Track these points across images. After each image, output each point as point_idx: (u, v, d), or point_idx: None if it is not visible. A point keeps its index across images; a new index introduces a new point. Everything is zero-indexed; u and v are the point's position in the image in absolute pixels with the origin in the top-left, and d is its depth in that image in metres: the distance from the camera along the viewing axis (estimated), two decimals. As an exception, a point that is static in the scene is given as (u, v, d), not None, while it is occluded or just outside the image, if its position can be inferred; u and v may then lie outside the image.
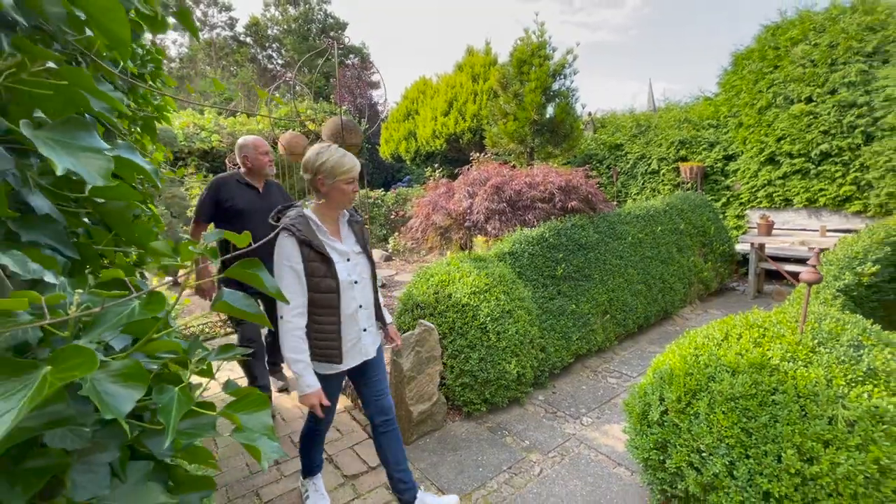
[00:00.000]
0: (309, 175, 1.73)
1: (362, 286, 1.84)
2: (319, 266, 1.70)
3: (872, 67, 5.05)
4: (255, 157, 2.70)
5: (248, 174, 2.74)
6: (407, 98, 11.90)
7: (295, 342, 1.66)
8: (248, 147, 2.69)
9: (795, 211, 5.71)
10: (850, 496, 1.31)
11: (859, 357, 1.50)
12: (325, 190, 1.73)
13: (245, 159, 2.69)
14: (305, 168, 1.73)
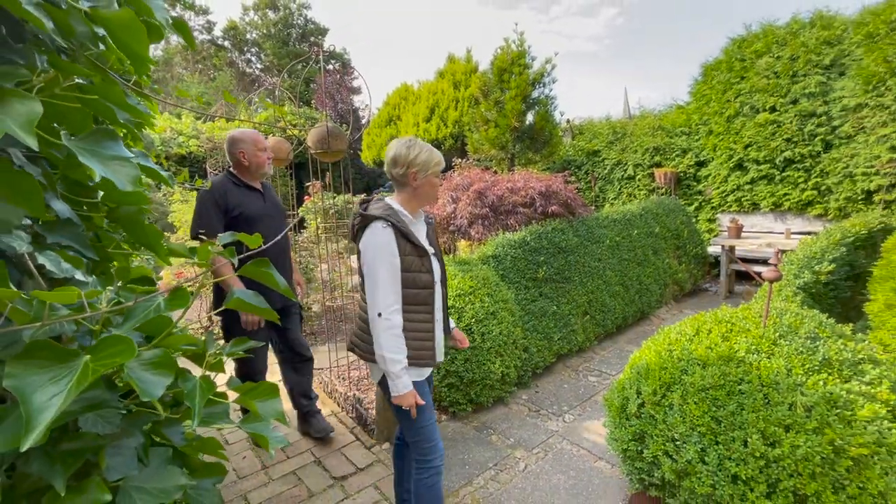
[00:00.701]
0: (401, 169, 1.63)
1: (440, 286, 1.76)
2: (415, 260, 1.61)
3: (830, 79, 5.37)
4: (254, 154, 2.37)
5: (244, 174, 2.41)
6: (389, 104, 11.96)
7: (395, 341, 1.55)
8: (246, 142, 2.36)
9: (763, 215, 5.99)
10: (809, 475, 1.42)
11: (815, 348, 1.63)
12: (418, 184, 1.65)
13: (241, 156, 2.35)
14: (396, 162, 1.63)
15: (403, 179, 1.66)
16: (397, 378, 1.56)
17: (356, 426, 2.91)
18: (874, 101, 4.91)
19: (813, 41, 5.47)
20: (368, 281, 1.58)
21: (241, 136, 2.39)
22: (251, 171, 2.42)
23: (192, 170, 9.51)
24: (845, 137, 5.21)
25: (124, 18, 0.63)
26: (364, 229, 1.63)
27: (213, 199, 2.28)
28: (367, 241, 1.59)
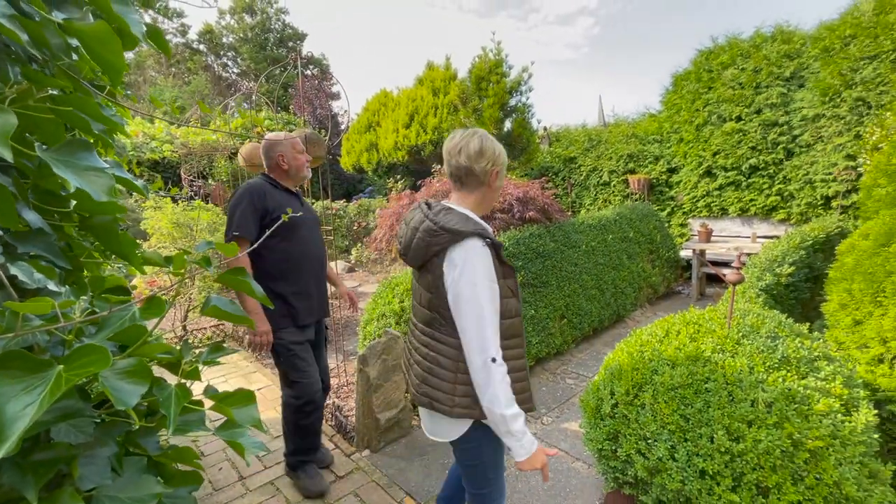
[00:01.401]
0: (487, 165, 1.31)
1: None
2: (504, 283, 1.28)
3: (790, 91, 5.65)
4: (293, 157, 2.24)
5: (282, 177, 2.26)
6: (368, 110, 11.95)
7: (510, 391, 1.21)
8: (284, 145, 2.23)
9: (731, 220, 6.23)
10: (770, 468, 1.50)
11: (775, 347, 1.72)
12: (497, 185, 1.37)
13: (281, 158, 2.21)
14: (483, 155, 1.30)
15: (484, 178, 1.33)
16: (523, 436, 1.22)
17: (335, 434, 2.89)
18: (831, 112, 5.19)
19: (774, 54, 5.75)
20: (468, 317, 1.21)
21: (279, 138, 2.26)
22: (290, 175, 2.28)
23: (165, 176, 9.29)
24: (805, 146, 5.47)
25: (100, 31, 0.64)
26: (449, 248, 1.24)
27: (250, 199, 2.09)
28: (464, 263, 1.21)
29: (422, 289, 1.36)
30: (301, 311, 2.22)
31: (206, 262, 0.67)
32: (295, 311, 2.19)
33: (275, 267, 2.14)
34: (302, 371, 2.24)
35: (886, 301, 1.81)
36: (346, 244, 9.58)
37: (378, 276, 7.71)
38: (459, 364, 1.28)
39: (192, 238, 4.57)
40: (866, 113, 4.92)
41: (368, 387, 2.62)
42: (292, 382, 2.25)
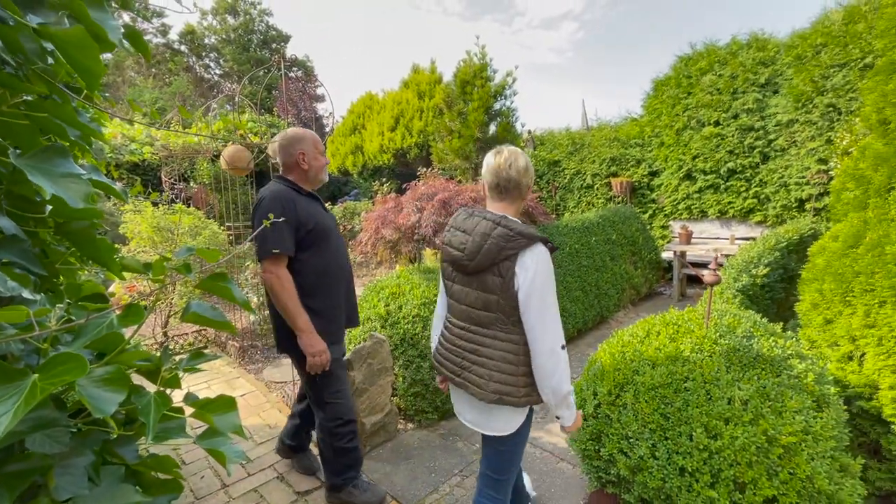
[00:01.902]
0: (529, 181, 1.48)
1: None
2: None
3: (765, 97, 5.82)
4: (315, 157, 2.01)
5: (301, 179, 2.02)
6: (353, 112, 11.92)
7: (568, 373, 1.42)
8: (307, 142, 1.99)
9: (710, 221, 6.37)
10: (746, 464, 1.54)
11: (750, 346, 1.77)
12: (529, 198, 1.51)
13: (302, 158, 1.97)
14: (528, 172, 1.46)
15: (524, 192, 1.49)
16: (570, 407, 1.46)
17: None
18: (804, 118, 5.36)
19: (750, 61, 5.92)
20: (541, 312, 1.36)
21: (301, 135, 2.01)
22: (309, 178, 2.04)
23: (145, 179, 9.11)
24: (780, 150, 5.64)
25: (76, 36, 0.64)
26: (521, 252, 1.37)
27: (289, 205, 1.88)
28: (536, 265, 1.35)
29: (479, 292, 1.45)
30: (337, 325, 2.09)
31: (186, 269, 0.67)
32: (332, 327, 2.04)
33: (308, 282, 1.94)
34: (337, 391, 2.09)
35: (855, 301, 1.88)
36: (331, 247, 9.52)
37: (364, 280, 7.67)
38: (521, 357, 1.43)
39: (174, 242, 4.49)
40: (837, 119, 5.10)
41: (353, 390, 2.61)
42: (326, 404, 2.07)
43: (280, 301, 1.86)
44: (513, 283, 1.37)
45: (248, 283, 4.71)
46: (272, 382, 3.79)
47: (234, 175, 4.56)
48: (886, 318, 1.75)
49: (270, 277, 1.85)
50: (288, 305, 1.86)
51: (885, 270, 1.78)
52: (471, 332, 1.51)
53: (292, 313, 1.87)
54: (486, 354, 1.46)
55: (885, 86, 2.03)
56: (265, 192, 1.93)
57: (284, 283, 1.85)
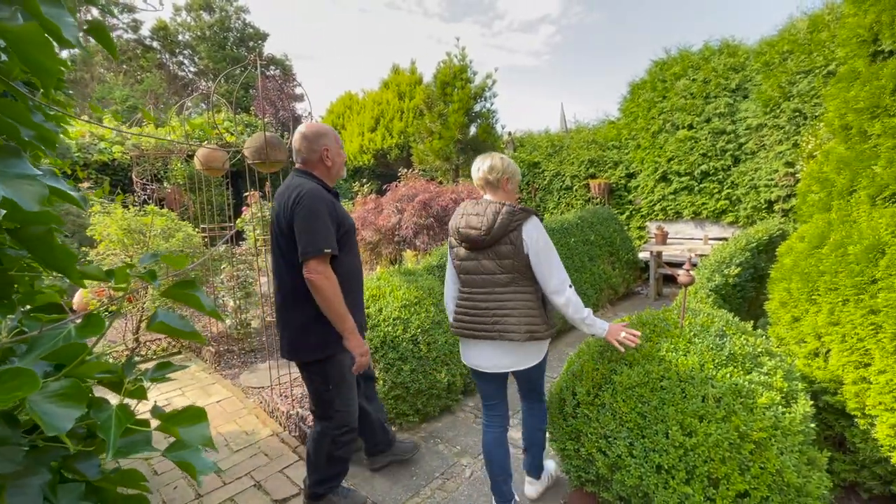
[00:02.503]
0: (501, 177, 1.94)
1: None
2: None
3: (736, 101, 6.01)
4: (338, 153, 2.01)
5: (325, 176, 1.99)
6: (332, 112, 11.79)
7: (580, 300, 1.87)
8: (330, 137, 1.96)
9: (685, 222, 6.54)
10: (720, 460, 1.58)
11: (723, 344, 1.82)
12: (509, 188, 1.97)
13: (325, 153, 1.95)
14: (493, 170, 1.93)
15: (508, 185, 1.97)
16: (596, 322, 1.87)
17: (299, 445, 2.81)
18: (772, 122, 5.55)
19: (721, 67, 6.10)
20: (550, 263, 1.84)
21: (324, 129, 1.97)
22: (332, 174, 2.02)
23: (115, 179, 8.80)
24: (750, 153, 5.83)
25: (29, 32, 0.61)
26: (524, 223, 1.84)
27: (327, 210, 1.84)
28: (537, 232, 1.84)
29: (495, 260, 1.87)
30: (360, 326, 2.03)
31: (151, 277, 0.64)
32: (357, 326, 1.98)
33: (343, 281, 1.89)
34: (349, 399, 2.04)
35: (820, 299, 1.95)
36: (310, 249, 9.38)
37: (344, 282, 7.60)
38: (538, 302, 1.89)
39: (145, 245, 4.35)
40: (803, 123, 5.30)
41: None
42: (337, 412, 2.00)
43: (331, 302, 1.81)
44: (522, 247, 1.82)
45: (224, 287, 4.60)
46: (249, 388, 3.71)
47: (209, 175, 4.45)
48: (849, 315, 1.82)
49: (319, 278, 1.77)
50: (339, 307, 1.82)
51: (847, 270, 1.85)
52: (494, 293, 1.90)
53: (342, 314, 1.84)
54: (512, 306, 1.87)
55: (846, 93, 2.12)
56: (299, 188, 1.84)
57: (334, 284, 1.82)
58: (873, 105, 1.93)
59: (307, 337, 1.91)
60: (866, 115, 1.97)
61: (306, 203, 1.80)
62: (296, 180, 1.92)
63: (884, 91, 1.90)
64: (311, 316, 1.87)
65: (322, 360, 1.93)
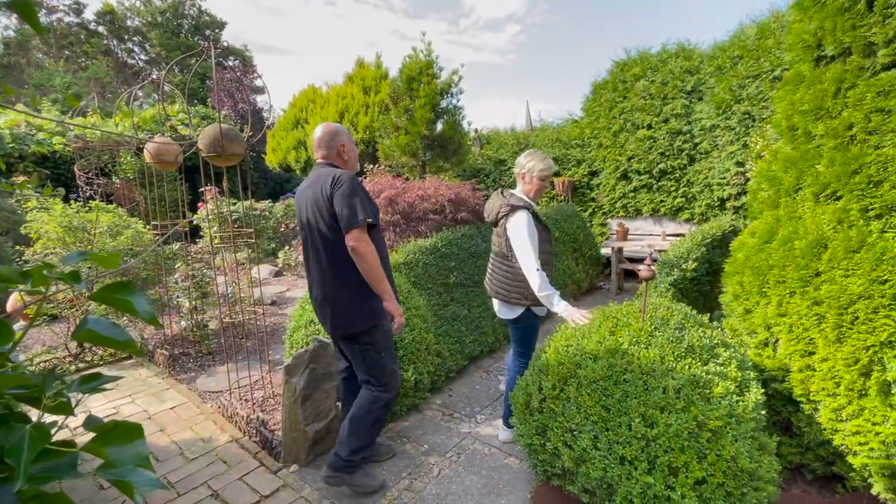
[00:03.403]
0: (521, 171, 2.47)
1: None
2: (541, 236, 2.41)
3: (691, 103, 6.26)
4: (352, 149, 2.27)
5: (345, 168, 2.22)
6: (295, 106, 11.43)
7: (547, 283, 2.29)
8: (344, 135, 2.21)
9: (644, 219, 6.76)
10: (679, 449, 1.62)
11: (682, 337, 1.88)
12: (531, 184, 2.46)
13: (342, 148, 2.20)
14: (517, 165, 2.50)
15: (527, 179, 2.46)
16: (559, 303, 2.27)
17: (260, 450, 2.70)
18: (724, 123, 5.82)
19: (678, 69, 6.33)
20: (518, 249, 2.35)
21: (336, 128, 2.23)
22: (349, 167, 2.27)
23: (56, 173, 8.17)
24: (704, 153, 6.09)
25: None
26: (508, 216, 2.40)
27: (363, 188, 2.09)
28: (514, 224, 2.37)
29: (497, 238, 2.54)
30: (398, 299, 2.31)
31: (73, 278, 0.57)
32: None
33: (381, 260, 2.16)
34: (395, 360, 2.33)
35: (770, 292, 2.05)
36: (272, 247, 9.08)
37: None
38: (511, 275, 2.45)
39: (90, 243, 4.05)
40: (752, 125, 5.58)
41: (295, 398, 2.48)
42: (391, 372, 2.25)
43: (372, 267, 2.04)
44: (505, 233, 2.43)
45: (179, 287, 4.36)
46: (206, 392, 3.54)
47: (160, 170, 4.20)
48: (796, 307, 1.92)
49: (361, 245, 2.00)
50: (379, 271, 2.06)
51: (794, 264, 1.95)
52: (495, 262, 2.58)
53: (381, 278, 2.08)
54: (498, 273, 2.53)
55: (792, 95, 2.23)
56: (334, 173, 2.07)
57: (374, 250, 2.04)
58: (817, 107, 2.04)
59: (356, 311, 2.13)
60: (811, 116, 2.07)
61: (345, 182, 2.03)
62: (326, 169, 2.14)
63: (826, 94, 2.00)
64: (356, 291, 2.12)
65: (370, 329, 2.15)
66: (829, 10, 1.97)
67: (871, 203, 1.78)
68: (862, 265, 1.73)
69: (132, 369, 4.05)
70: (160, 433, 2.92)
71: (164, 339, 4.47)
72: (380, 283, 2.08)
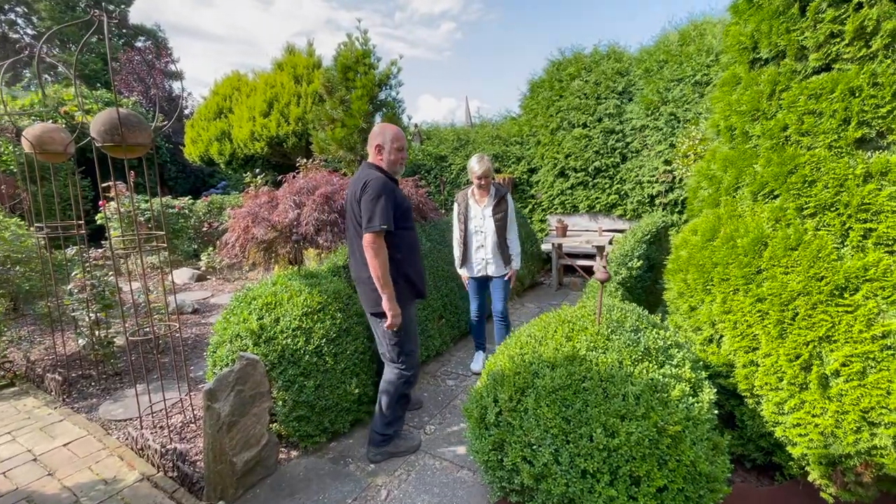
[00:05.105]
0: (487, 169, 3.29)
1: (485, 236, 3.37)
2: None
3: (623, 103, 6.51)
4: (390, 151, 2.42)
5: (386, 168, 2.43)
6: (218, 94, 10.48)
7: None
8: (385, 137, 2.41)
9: (581, 215, 6.97)
10: (641, 458, 1.57)
11: (638, 339, 1.84)
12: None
13: (377, 150, 2.42)
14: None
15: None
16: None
17: (178, 488, 2.34)
18: (652, 124, 6.11)
19: (610, 70, 6.56)
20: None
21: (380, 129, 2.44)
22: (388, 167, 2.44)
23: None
24: (635, 152, 6.37)
25: None
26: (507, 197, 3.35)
27: (388, 195, 2.26)
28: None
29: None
30: (420, 288, 2.53)
31: None
32: (417, 290, 2.51)
33: (403, 252, 2.40)
34: (415, 343, 2.55)
35: (714, 289, 2.08)
36: (194, 248, 8.25)
37: (236, 284, 6.79)
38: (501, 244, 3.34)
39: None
40: (677, 126, 5.91)
41: (220, 426, 2.16)
42: (408, 354, 2.49)
43: (379, 268, 2.24)
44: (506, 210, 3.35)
45: (74, 298, 3.74)
46: (112, 421, 3.05)
47: (47, 161, 3.55)
48: (740, 304, 1.96)
49: (374, 248, 2.22)
50: (384, 274, 2.25)
51: (737, 261, 1.99)
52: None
53: (385, 279, 2.26)
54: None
55: (730, 96, 2.29)
56: (367, 177, 2.30)
57: (384, 256, 2.25)
58: (754, 108, 2.10)
59: (378, 296, 2.33)
60: (748, 117, 2.13)
61: (370, 188, 2.25)
62: (365, 171, 2.39)
63: (762, 95, 2.06)
64: None
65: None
66: (765, 14, 2.02)
67: (806, 202, 1.84)
68: (801, 262, 1.78)
69: (14, 399, 3.41)
70: (48, 478, 2.43)
71: (58, 360, 3.83)
72: (384, 285, 2.26)
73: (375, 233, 2.21)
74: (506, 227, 3.31)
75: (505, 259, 3.35)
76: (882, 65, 1.71)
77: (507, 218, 3.30)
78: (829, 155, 1.82)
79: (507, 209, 3.30)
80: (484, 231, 3.30)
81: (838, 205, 1.76)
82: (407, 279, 2.42)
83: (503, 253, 3.31)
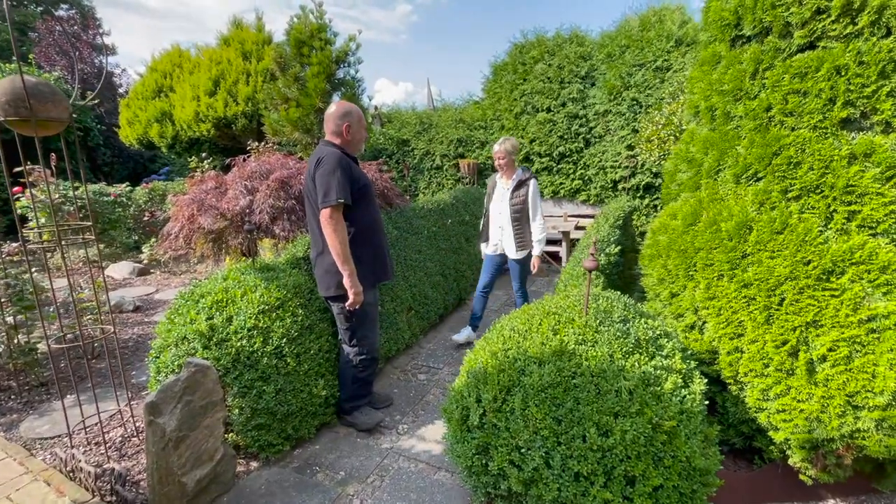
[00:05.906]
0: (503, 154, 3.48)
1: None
2: None
3: (586, 88, 6.49)
4: (357, 131, 2.45)
5: (346, 146, 2.42)
6: (157, 70, 9.58)
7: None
8: (353, 117, 2.41)
9: (545, 201, 6.94)
10: (636, 457, 1.48)
11: (628, 331, 1.75)
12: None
13: (347, 129, 2.39)
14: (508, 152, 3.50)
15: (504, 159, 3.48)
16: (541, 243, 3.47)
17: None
18: (615, 109, 6.13)
19: (573, 55, 6.50)
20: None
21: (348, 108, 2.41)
22: (352, 146, 2.45)
23: None
24: (598, 137, 6.39)
25: None
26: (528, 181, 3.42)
27: (342, 169, 2.23)
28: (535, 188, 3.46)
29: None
30: (380, 271, 2.50)
31: None
32: (376, 272, 2.48)
33: (359, 233, 2.35)
34: (370, 329, 2.55)
35: (697, 275, 2.03)
36: (134, 240, 7.57)
37: (182, 278, 6.27)
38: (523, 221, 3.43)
39: None
40: (639, 111, 5.95)
41: (165, 443, 1.90)
42: (361, 338, 2.50)
43: (338, 244, 2.20)
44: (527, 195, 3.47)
45: (-14, 300, 3.24)
46: (36, 440, 2.67)
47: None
48: (724, 290, 1.91)
49: (332, 222, 2.18)
50: (343, 250, 2.21)
51: (721, 246, 1.94)
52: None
53: (345, 256, 2.22)
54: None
55: (710, 76, 2.22)
56: (321, 153, 2.29)
57: (343, 231, 2.21)
58: (737, 88, 2.03)
59: (331, 278, 2.35)
60: (730, 97, 2.07)
61: (325, 163, 2.23)
62: (321, 148, 2.36)
63: (745, 74, 2.00)
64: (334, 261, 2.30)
65: (340, 296, 2.37)
66: (750, -11, 1.94)
67: (791, 184, 1.80)
68: (787, 246, 1.74)
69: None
70: None
71: (-33, 371, 3.33)
72: (343, 261, 2.22)
73: (333, 206, 2.17)
74: (522, 212, 3.36)
75: (522, 243, 3.41)
76: (868, 43, 1.67)
77: (526, 203, 3.36)
78: (813, 136, 1.78)
79: (526, 195, 3.35)
80: (501, 212, 3.43)
81: (823, 187, 1.73)
82: (367, 259, 2.38)
83: (519, 236, 3.38)
